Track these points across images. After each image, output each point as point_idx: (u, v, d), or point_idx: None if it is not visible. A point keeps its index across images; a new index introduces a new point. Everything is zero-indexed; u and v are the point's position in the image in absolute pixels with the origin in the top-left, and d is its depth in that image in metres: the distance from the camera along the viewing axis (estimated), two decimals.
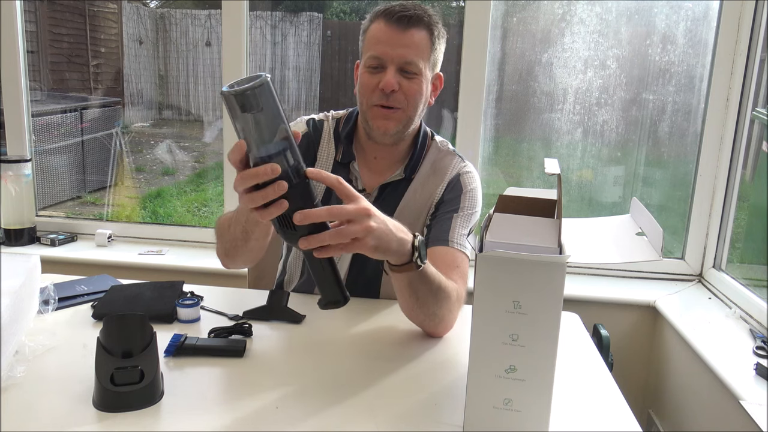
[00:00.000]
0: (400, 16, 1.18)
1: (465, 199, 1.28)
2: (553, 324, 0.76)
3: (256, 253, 1.17)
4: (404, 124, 1.24)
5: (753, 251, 1.95)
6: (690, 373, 1.64)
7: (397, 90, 1.19)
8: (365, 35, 1.24)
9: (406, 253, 0.97)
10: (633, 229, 0.90)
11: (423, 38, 1.20)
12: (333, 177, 0.88)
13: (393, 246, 0.94)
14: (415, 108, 1.23)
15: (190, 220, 3.29)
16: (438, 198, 1.29)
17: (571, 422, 0.88)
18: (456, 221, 1.25)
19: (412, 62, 1.19)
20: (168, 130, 3.29)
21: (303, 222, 0.82)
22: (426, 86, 1.23)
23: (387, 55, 1.18)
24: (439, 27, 1.23)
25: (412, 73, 1.20)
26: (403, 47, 1.18)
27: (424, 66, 1.21)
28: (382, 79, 1.18)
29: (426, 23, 1.20)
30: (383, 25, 1.19)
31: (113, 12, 3.06)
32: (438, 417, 0.88)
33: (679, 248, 2.04)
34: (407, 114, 1.23)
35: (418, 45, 1.19)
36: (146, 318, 0.90)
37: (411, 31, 1.18)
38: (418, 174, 1.30)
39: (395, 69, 1.19)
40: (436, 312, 1.09)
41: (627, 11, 2.00)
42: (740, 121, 1.88)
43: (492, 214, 0.88)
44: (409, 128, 1.26)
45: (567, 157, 2.12)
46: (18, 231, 2.14)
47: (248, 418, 0.85)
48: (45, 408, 0.86)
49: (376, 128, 1.23)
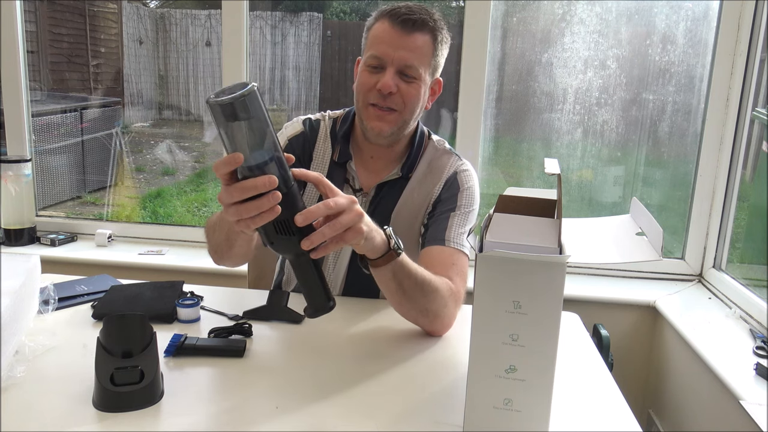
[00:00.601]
0: (405, 19, 1.17)
1: (462, 197, 1.28)
2: (553, 324, 0.76)
3: (242, 258, 1.17)
4: (399, 126, 1.23)
5: (753, 251, 1.95)
6: (690, 373, 1.64)
7: (395, 92, 1.19)
8: (369, 33, 1.24)
9: (384, 243, 0.99)
10: (633, 229, 0.90)
11: (426, 43, 1.19)
12: (314, 174, 0.91)
13: (376, 235, 0.97)
14: (411, 112, 1.23)
15: (190, 220, 3.29)
16: (435, 197, 1.29)
17: (571, 422, 0.88)
18: (453, 220, 1.25)
19: (412, 66, 1.18)
20: (168, 130, 3.29)
21: (305, 222, 0.83)
22: (424, 91, 1.23)
23: (388, 56, 1.18)
24: (443, 32, 1.22)
25: (411, 77, 1.19)
26: (404, 50, 1.18)
27: (424, 71, 1.20)
28: (380, 79, 1.18)
29: (431, 28, 1.20)
30: (387, 26, 1.19)
31: (113, 12, 3.06)
32: (438, 417, 0.88)
33: (679, 248, 2.04)
34: (403, 117, 1.22)
35: (420, 49, 1.19)
36: (146, 318, 0.90)
37: (415, 34, 1.18)
38: (415, 173, 1.30)
39: (395, 71, 1.18)
40: (427, 307, 1.09)
41: (627, 11, 2.00)
42: (740, 121, 1.88)
43: (492, 214, 0.88)
44: (404, 131, 1.26)
45: (567, 157, 2.12)
46: (18, 231, 2.14)
47: (248, 418, 0.85)
48: (45, 408, 0.86)
49: (371, 128, 1.22)
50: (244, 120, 0.76)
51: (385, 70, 1.18)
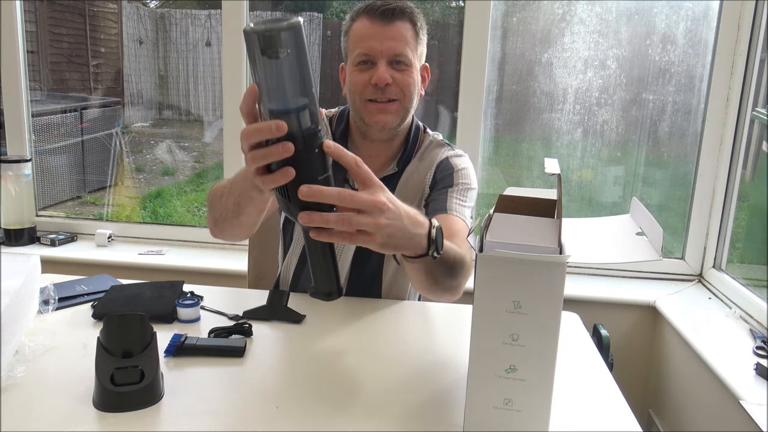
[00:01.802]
0: (383, 10, 1.19)
1: (458, 177, 1.27)
2: (553, 324, 0.76)
3: (246, 229, 1.09)
4: (402, 116, 1.24)
5: (753, 251, 1.95)
6: (690, 373, 1.64)
7: (391, 83, 1.19)
8: (348, 35, 1.24)
9: (421, 248, 0.87)
10: (633, 229, 0.89)
11: (408, 30, 1.21)
12: (351, 157, 0.77)
13: (404, 243, 0.85)
14: (411, 99, 1.23)
15: (190, 220, 3.29)
16: (429, 182, 1.29)
17: (571, 422, 0.88)
18: (452, 194, 1.24)
19: (402, 53, 1.19)
20: (168, 130, 3.29)
21: (308, 198, 0.72)
22: (417, 77, 1.24)
23: (375, 50, 1.19)
24: (421, 19, 1.24)
25: (404, 64, 1.20)
26: (390, 40, 1.19)
27: (413, 57, 1.21)
28: (373, 74, 1.18)
29: (409, 15, 1.21)
30: (367, 22, 1.19)
31: (113, 12, 3.06)
32: (438, 417, 0.88)
33: (679, 248, 2.04)
34: (404, 105, 1.23)
35: (404, 36, 1.20)
36: (146, 318, 0.90)
37: (396, 23, 1.19)
38: (409, 165, 1.30)
39: (386, 62, 1.19)
40: (452, 284, 1.03)
41: (627, 11, 2.00)
42: (740, 121, 1.88)
43: (492, 214, 0.88)
44: (406, 120, 1.26)
45: (567, 157, 2.12)
46: (18, 231, 2.14)
47: (248, 418, 0.85)
48: (45, 408, 0.86)
49: (374, 123, 1.22)
50: (275, 56, 0.67)
51: (376, 64, 1.19)
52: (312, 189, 0.72)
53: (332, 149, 0.75)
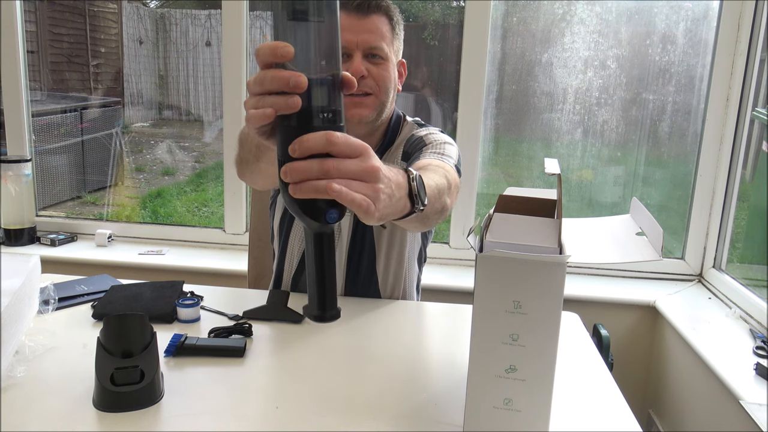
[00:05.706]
0: (359, 4, 1.19)
1: (428, 140, 1.23)
2: (553, 324, 0.76)
3: (264, 177, 1.02)
4: (378, 110, 1.23)
5: (753, 251, 1.95)
6: (690, 373, 1.64)
7: (366, 76, 1.19)
8: None
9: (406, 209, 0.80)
10: (633, 229, 0.90)
11: (384, 23, 1.21)
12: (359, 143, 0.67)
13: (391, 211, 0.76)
14: (387, 92, 1.23)
15: (190, 220, 3.29)
16: (400, 156, 1.29)
17: (571, 422, 0.88)
18: (426, 152, 1.19)
19: (378, 46, 1.19)
20: (168, 130, 3.29)
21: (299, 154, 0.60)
22: (394, 71, 1.24)
23: (351, 43, 1.18)
24: (397, 14, 1.24)
25: (380, 57, 1.20)
26: (366, 33, 1.18)
27: (389, 50, 1.21)
28: (349, 67, 1.17)
29: (385, 9, 1.21)
30: (343, 16, 1.18)
31: (113, 12, 3.06)
32: (438, 417, 0.88)
33: (679, 248, 2.04)
34: (380, 99, 1.22)
35: (380, 30, 1.20)
36: (146, 318, 0.90)
37: (372, 17, 1.19)
38: (386, 153, 1.30)
39: (362, 55, 1.19)
40: (441, 213, 0.98)
41: (627, 11, 2.00)
42: (740, 121, 1.88)
43: (492, 214, 0.88)
44: (383, 115, 1.26)
45: (567, 157, 2.12)
46: (18, 231, 2.14)
47: (248, 418, 0.85)
48: (45, 408, 0.86)
49: (351, 117, 1.21)
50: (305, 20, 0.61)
51: (352, 57, 1.19)
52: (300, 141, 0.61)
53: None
